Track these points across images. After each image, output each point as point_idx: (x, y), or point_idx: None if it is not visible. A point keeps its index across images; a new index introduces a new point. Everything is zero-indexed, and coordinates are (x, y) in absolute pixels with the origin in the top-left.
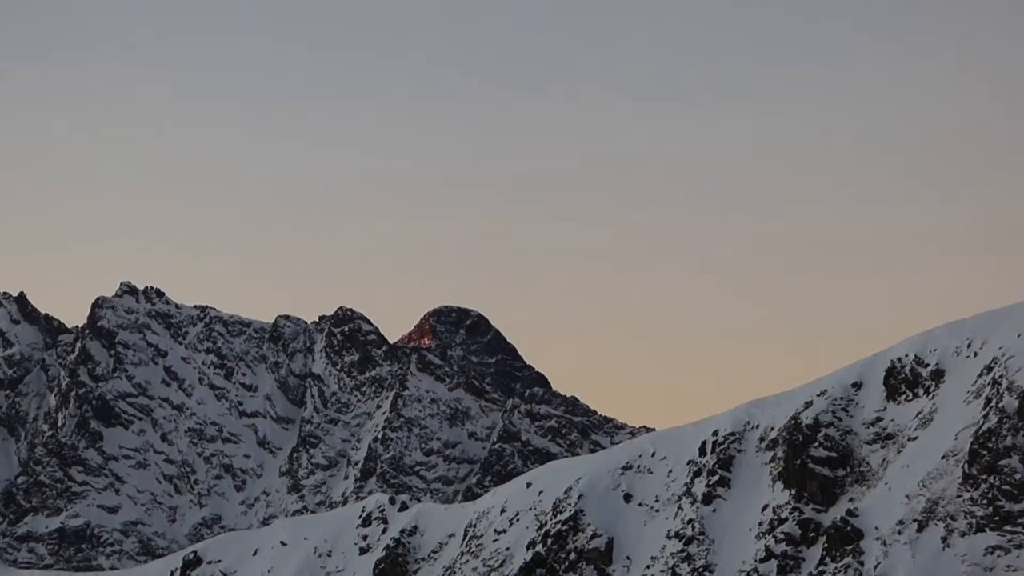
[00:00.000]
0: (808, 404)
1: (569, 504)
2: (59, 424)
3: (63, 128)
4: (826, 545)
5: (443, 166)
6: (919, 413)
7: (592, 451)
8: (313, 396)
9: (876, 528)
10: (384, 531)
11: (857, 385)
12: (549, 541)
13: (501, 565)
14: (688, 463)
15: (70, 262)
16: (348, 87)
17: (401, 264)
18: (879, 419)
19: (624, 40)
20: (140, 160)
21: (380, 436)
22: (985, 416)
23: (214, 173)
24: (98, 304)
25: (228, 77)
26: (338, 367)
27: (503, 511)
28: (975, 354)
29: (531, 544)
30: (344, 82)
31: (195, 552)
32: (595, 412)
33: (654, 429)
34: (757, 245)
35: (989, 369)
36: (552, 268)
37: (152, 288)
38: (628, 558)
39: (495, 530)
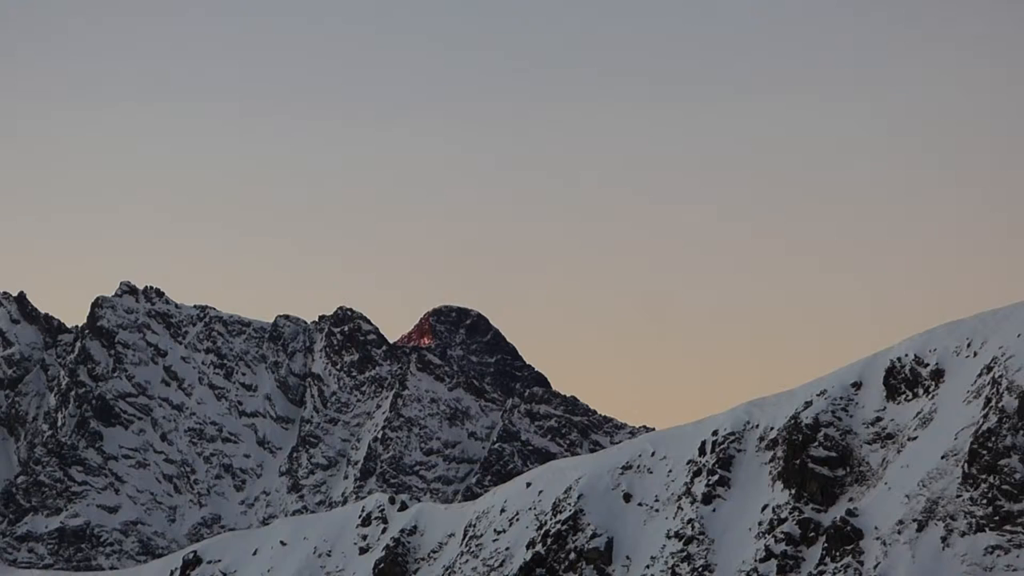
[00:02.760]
0: (808, 404)
1: (569, 504)
2: (59, 424)
3: (63, 127)
4: (826, 545)
5: (443, 166)
6: (919, 413)
7: (592, 451)
8: (313, 396)
9: (876, 528)
10: (384, 531)
11: (857, 385)
12: (549, 541)
13: (501, 565)
14: (688, 463)
15: (70, 262)
16: (349, 87)
17: (401, 264)
18: (879, 419)
19: (623, 40)
20: (140, 160)
21: (380, 436)
22: (985, 416)
23: (214, 173)
24: (98, 304)
25: (228, 77)
26: (338, 367)
27: (503, 511)
28: (975, 354)
29: (531, 544)
30: (345, 81)
31: (195, 552)
32: (595, 412)
33: (654, 429)
34: (757, 244)
35: (989, 369)
36: (552, 268)
37: (152, 288)
38: (628, 558)
39: (495, 530)
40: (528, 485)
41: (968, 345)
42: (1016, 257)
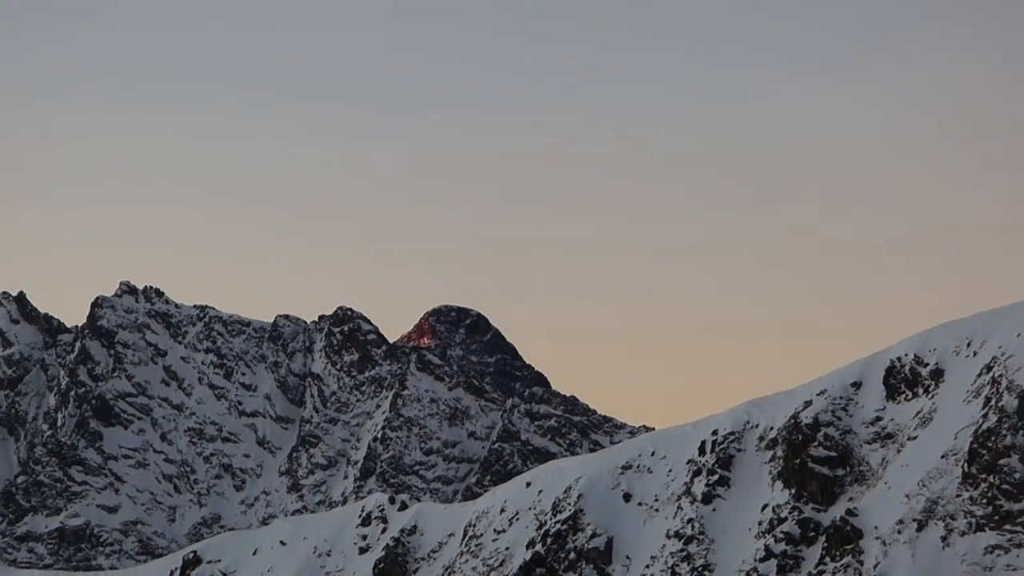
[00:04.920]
0: (808, 403)
1: (569, 504)
2: (59, 424)
3: (63, 127)
4: (826, 545)
5: (443, 165)
6: (919, 412)
7: (592, 450)
8: (313, 396)
9: (876, 527)
10: (384, 531)
11: (857, 384)
12: (549, 541)
13: (501, 565)
14: (688, 463)
15: (70, 262)
16: (349, 85)
17: (401, 264)
18: (879, 418)
19: (621, 39)
20: (140, 159)
21: (380, 436)
22: (985, 415)
23: (214, 172)
24: (98, 304)
25: (228, 75)
26: (337, 367)
27: (503, 511)
28: (975, 353)
29: (531, 544)
30: (345, 81)
31: (195, 552)
32: (594, 412)
33: (654, 429)
34: (757, 244)
35: (989, 368)
36: (552, 267)
37: (152, 288)
38: (628, 557)
39: (495, 530)
40: (528, 485)
41: (968, 345)
42: (1016, 257)
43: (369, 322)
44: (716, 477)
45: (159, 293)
